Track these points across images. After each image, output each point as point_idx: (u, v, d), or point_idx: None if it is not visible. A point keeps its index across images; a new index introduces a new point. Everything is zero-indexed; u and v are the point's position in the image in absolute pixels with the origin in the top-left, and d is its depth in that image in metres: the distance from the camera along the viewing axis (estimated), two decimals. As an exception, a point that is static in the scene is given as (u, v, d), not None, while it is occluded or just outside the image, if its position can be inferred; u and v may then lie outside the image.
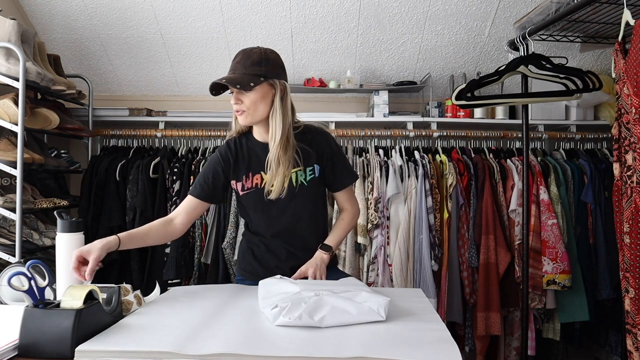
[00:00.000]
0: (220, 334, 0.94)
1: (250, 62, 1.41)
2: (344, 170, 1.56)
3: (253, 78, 1.39)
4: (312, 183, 1.49)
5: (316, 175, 1.50)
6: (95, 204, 2.60)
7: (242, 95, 1.41)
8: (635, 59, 1.58)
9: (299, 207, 1.50)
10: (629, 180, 1.66)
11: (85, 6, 2.64)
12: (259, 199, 1.48)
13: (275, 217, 1.50)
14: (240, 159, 1.51)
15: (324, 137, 1.54)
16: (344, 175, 1.56)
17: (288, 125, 1.44)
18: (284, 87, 1.45)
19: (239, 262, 1.64)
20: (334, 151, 1.54)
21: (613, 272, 2.45)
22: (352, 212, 1.61)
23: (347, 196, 1.60)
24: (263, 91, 1.41)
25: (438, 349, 0.89)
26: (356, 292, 1.13)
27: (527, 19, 2.19)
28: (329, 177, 1.54)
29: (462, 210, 2.55)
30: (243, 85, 1.38)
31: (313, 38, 2.79)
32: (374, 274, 2.51)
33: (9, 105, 2.11)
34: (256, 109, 1.42)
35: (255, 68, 1.40)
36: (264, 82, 1.40)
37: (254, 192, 1.49)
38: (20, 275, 0.94)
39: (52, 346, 0.86)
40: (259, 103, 1.41)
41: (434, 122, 2.82)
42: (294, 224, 1.51)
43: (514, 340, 2.56)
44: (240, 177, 1.50)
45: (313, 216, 1.54)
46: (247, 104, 1.41)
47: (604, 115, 2.86)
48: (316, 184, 1.51)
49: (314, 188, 1.51)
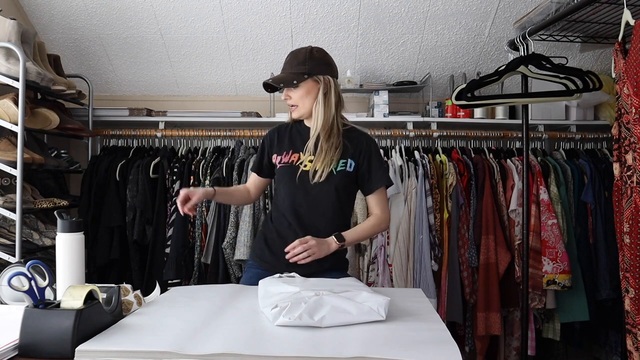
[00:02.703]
0: (220, 334, 0.94)
1: (297, 61, 1.56)
2: (379, 172, 1.61)
3: (297, 76, 1.54)
4: (341, 174, 1.56)
5: (347, 169, 1.57)
6: (95, 204, 2.60)
7: (290, 92, 1.58)
8: (635, 59, 1.58)
9: (322, 193, 1.56)
10: (629, 180, 1.66)
11: (85, 6, 2.64)
12: (291, 174, 1.59)
13: (300, 195, 1.58)
14: (286, 138, 1.66)
15: (366, 137, 1.63)
16: (378, 176, 1.61)
17: (331, 116, 1.56)
18: (329, 82, 1.57)
19: (253, 248, 1.73)
20: (372, 152, 1.61)
21: (613, 272, 2.44)
22: (380, 217, 1.62)
23: (378, 200, 1.63)
24: (308, 87, 1.56)
25: (438, 349, 0.89)
26: (356, 292, 1.13)
27: (527, 19, 2.19)
28: (363, 175, 1.60)
29: (462, 210, 2.55)
30: (286, 83, 1.56)
31: (313, 38, 2.79)
32: (374, 274, 2.51)
33: (9, 105, 2.11)
34: (304, 104, 1.57)
35: (300, 67, 1.55)
36: (308, 79, 1.55)
37: (289, 167, 1.60)
38: (20, 276, 0.94)
39: (53, 346, 0.86)
40: (305, 98, 1.57)
41: (434, 122, 2.82)
42: (313, 207, 1.57)
43: (514, 340, 2.56)
44: (281, 152, 1.64)
45: (333, 207, 1.57)
46: (295, 99, 1.58)
47: (604, 115, 2.86)
48: (345, 177, 1.57)
49: (342, 180, 1.56)
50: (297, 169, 1.57)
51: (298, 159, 1.59)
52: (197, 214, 2.55)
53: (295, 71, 1.55)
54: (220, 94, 3.11)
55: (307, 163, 1.57)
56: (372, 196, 1.63)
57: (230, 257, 2.45)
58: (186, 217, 2.54)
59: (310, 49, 1.59)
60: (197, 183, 2.58)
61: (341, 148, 1.56)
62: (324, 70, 1.57)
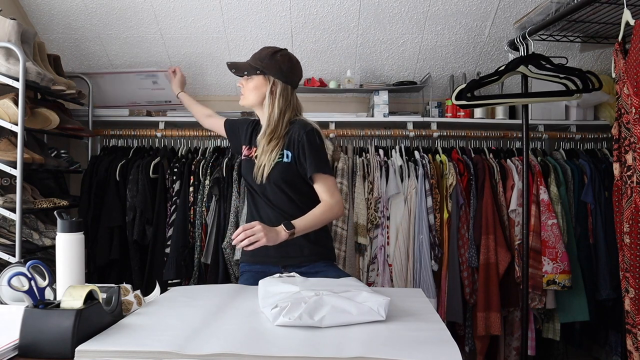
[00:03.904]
0: (220, 334, 0.94)
1: (259, 56, 1.68)
2: (312, 159, 1.61)
3: (251, 69, 1.66)
4: (279, 166, 1.63)
5: (284, 159, 1.63)
6: (95, 204, 2.60)
7: (243, 80, 1.70)
8: (635, 59, 1.58)
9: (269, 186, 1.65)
10: (629, 180, 1.66)
11: (85, 6, 2.64)
12: (249, 167, 1.70)
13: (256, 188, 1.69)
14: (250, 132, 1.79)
15: (302, 128, 1.65)
16: (312, 163, 1.61)
17: (275, 116, 1.65)
18: (277, 85, 1.66)
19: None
20: (305, 141, 1.62)
21: (613, 272, 2.44)
22: (329, 202, 1.61)
23: (322, 187, 1.63)
24: (257, 82, 1.67)
25: (438, 349, 0.89)
26: (356, 292, 1.13)
27: (527, 19, 2.19)
28: (302, 165, 1.64)
29: (462, 210, 2.55)
30: (238, 70, 1.69)
31: (313, 38, 2.79)
32: (374, 274, 2.51)
33: (9, 105, 2.11)
34: (248, 95, 1.70)
35: (258, 62, 1.66)
36: (259, 75, 1.66)
37: (248, 161, 1.73)
38: (20, 276, 0.94)
39: (52, 346, 0.86)
40: (252, 91, 1.68)
41: (434, 122, 2.82)
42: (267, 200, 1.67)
43: (514, 340, 2.56)
44: (247, 143, 1.78)
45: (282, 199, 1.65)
46: (244, 88, 1.71)
47: (604, 115, 2.86)
48: (284, 168, 1.63)
49: (281, 171, 1.63)
50: (253, 163, 1.68)
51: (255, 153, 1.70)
52: (197, 214, 2.56)
53: (252, 63, 1.67)
54: (220, 94, 3.11)
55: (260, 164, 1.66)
56: (316, 184, 1.63)
57: (230, 257, 2.45)
58: (186, 217, 2.55)
59: (277, 50, 1.69)
60: (197, 183, 2.58)
61: (281, 145, 1.63)
62: (277, 74, 1.66)
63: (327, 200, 1.61)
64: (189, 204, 2.56)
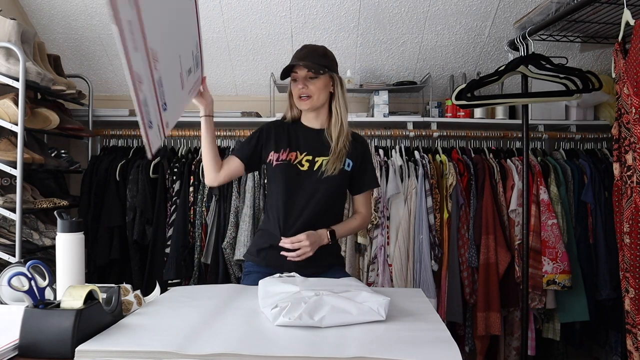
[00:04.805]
0: (220, 334, 0.94)
1: (317, 54, 1.59)
2: (370, 173, 1.69)
3: (321, 67, 1.57)
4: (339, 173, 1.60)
5: (345, 167, 1.61)
6: (95, 204, 2.60)
7: (309, 82, 1.58)
8: (635, 59, 1.58)
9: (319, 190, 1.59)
10: (629, 180, 1.66)
11: (85, 6, 2.64)
12: (288, 171, 1.61)
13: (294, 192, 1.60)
14: (283, 136, 1.65)
15: (362, 140, 1.72)
16: (370, 177, 1.69)
17: (344, 118, 1.63)
18: (341, 81, 1.63)
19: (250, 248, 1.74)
20: (367, 154, 1.70)
21: (613, 272, 2.44)
22: (365, 216, 1.71)
23: (365, 200, 1.71)
24: (326, 81, 1.60)
25: (438, 349, 0.89)
26: (356, 292, 1.13)
27: (527, 19, 2.19)
28: (357, 175, 1.65)
29: (462, 210, 2.55)
30: (315, 69, 1.56)
31: (313, 38, 2.79)
32: (374, 274, 2.51)
33: (9, 105, 2.11)
34: (319, 96, 1.59)
35: (322, 59, 1.59)
36: (327, 73, 1.59)
37: (286, 165, 1.61)
38: (20, 276, 0.94)
39: (52, 346, 0.86)
40: (322, 90, 1.59)
41: (434, 122, 2.82)
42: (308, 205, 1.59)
43: (514, 340, 2.56)
44: (279, 149, 1.64)
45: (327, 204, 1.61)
46: (312, 89, 1.58)
47: (604, 115, 2.86)
48: (343, 175, 1.61)
49: (340, 178, 1.60)
50: (294, 168, 1.60)
51: (295, 158, 1.62)
52: (197, 214, 2.56)
53: (318, 62, 1.57)
54: (220, 93, 3.11)
55: (304, 162, 1.61)
56: (361, 196, 1.70)
57: (230, 257, 2.46)
58: (186, 217, 2.55)
59: (324, 47, 1.64)
60: (197, 183, 2.58)
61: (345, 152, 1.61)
62: (336, 69, 1.64)
63: (364, 213, 1.70)
64: (189, 204, 2.56)
